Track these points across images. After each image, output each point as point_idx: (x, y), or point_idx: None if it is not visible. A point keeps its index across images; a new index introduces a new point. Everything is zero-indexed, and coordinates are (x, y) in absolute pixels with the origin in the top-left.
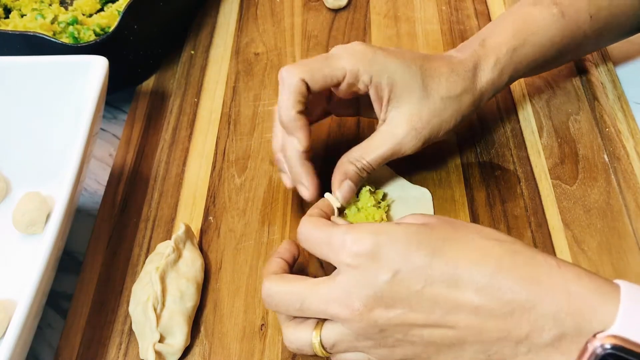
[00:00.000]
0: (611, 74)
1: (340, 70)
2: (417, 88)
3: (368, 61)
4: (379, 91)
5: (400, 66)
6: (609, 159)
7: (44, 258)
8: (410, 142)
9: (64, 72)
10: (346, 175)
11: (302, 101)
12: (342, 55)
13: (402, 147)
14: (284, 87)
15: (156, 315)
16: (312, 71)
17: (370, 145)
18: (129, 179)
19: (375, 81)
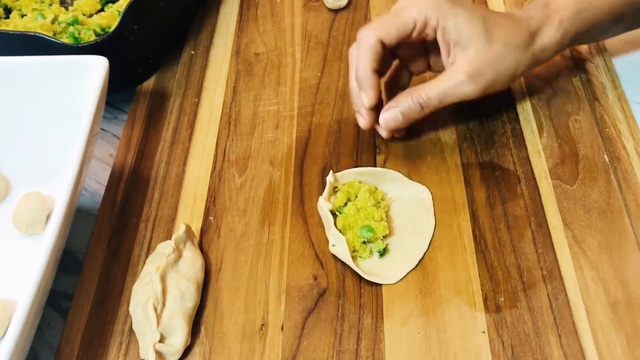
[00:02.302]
0: (611, 74)
1: (411, 20)
2: (482, 33)
3: (434, 7)
4: (445, 35)
5: (465, 13)
6: (609, 159)
7: (44, 258)
8: (471, 84)
9: (64, 72)
10: (398, 104)
11: (377, 60)
12: (409, 6)
13: (464, 88)
14: (362, 47)
15: (156, 315)
16: (386, 30)
17: (435, 82)
18: (129, 179)
19: (442, 24)
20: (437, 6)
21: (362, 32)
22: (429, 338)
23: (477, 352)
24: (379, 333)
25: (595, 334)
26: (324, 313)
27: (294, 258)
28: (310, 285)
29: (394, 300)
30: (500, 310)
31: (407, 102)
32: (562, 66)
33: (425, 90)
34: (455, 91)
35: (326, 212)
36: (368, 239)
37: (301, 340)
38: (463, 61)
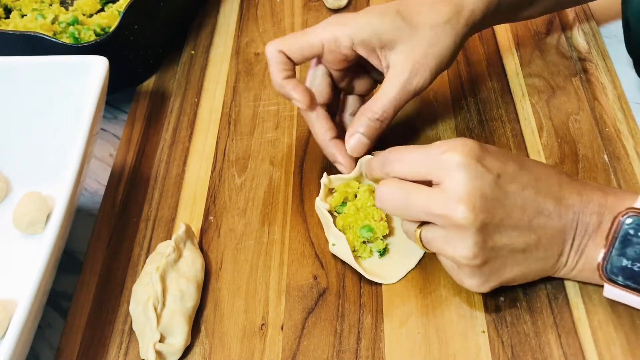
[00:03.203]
0: (611, 74)
1: (317, 40)
2: (403, 28)
3: (342, 26)
4: (366, 46)
5: (377, 18)
6: (609, 159)
7: (44, 258)
8: (417, 77)
9: (64, 72)
10: (357, 128)
11: (285, 69)
12: (317, 27)
13: (412, 84)
14: (268, 61)
15: (156, 315)
16: (289, 44)
17: (381, 93)
18: (129, 179)
19: (357, 40)
20: (343, 24)
21: (266, 47)
22: (429, 338)
23: (477, 352)
24: (378, 333)
25: (595, 334)
26: (324, 313)
27: (294, 258)
28: (310, 285)
29: (394, 300)
30: (500, 310)
31: (365, 122)
32: (562, 66)
33: (377, 104)
34: (405, 92)
35: (324, 212)
36: (368, 239)
37: (301, 340)
38: (398, 61)
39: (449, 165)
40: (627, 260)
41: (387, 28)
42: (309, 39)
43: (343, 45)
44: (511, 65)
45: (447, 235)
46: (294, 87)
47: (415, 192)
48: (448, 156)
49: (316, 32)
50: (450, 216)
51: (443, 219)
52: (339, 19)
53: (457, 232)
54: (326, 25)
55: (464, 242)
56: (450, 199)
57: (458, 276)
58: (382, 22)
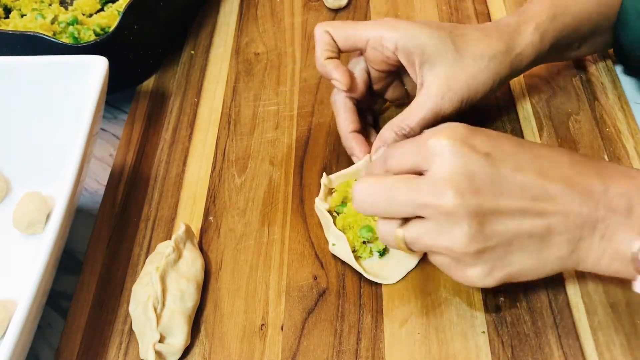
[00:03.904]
0: (611, 73)
1: (364, 33)
2: (449, 50)
3: (391, 28)
4: (408, 55)
5: (427, 31)
6: (609, 159)
7: (44, 258)
8: (448, 103)
9: (64, 72)
10: (385, 142)
11: (330, 50)
12: (368, 22)
13: (442, 108)
14: (316, 41)
15: (156, 315)
16: (336, 26)
17: (410, 109)
18: (129, 179)
19: (401, 46)
20: (395, 26)
21: (316, 27)
22: (429, 338)
23: (477, 352)
24: (378, 333)
25: (595, 334)
26: (323, 313)
27: (294, 258)
28: (310, 285)
29: (394, 300)
30: (500, 310)
31: (392, 137)
32: (562, 66)
33: (405, 120)
34: (434, 114)
35: (324, 212)
36: (368, 239)
37: (301, 340)
38: (434, 81)
39: (434, 150)
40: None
41: (433, 45)
42: (357, 30)
43: (386, 47)
44: None
45: (437, 226)
46: (335, 67)
47: (398, 185)
48: (432, 141)
49: (365, 27)
50: (438, 203)
51: (431, 207)
52: (392, 21)
53: (448, 220)
54: (377, 23)
55: (457, 229)
56: (436, 185)
57: (458, 272)
58: (430, 38)
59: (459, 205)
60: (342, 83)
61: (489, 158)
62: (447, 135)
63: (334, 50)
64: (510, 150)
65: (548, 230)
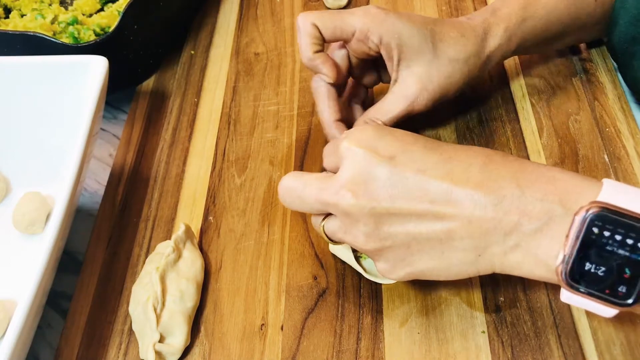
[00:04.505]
0: (611, 74)
1: (351, 25)
2: (427, 50)
3: (379, 22)
4: (389, 51)
5: (410, 29)
6: (609, 159)
7: (44, 258)
8: (421, 102)
9: (64, 72)
10: None
11: (316, 43)
12: (355, 12)
13: (415, 107)
14: (299, 32)
15: (156, 315)
16: (323, 18)
17: (383, 105)
18: (129, 179)
19: (384, 41)
20: (381, 20)
21: (299, 17)
22: (429, 338)
23: (477, 352)
24: (378, 333)
25: (595, 334)
26: (323, 313)
27: (293, 258)
28: (310, 285)
29: (394, 300)
30: (500, 310)
31: None
32: (562, 66)
33: (376, 113)
34: (405, 111)
35: None
36: None
37: (301, 340)
38: (407, 80)
39: (342, 153)
40: (590, 264)
41: (414, 44)
42: (344, 21)
43: (371, 40)
44: (511, 65)
45: (342, 223)
46: (323, 62)
47: (310, 183)
48: (342, 144)
49: (352, 17)
50: (338, 203)
51: (333, 207)
52: (379, 13)
53: (348, 219)
54: (364, 14)
55: (355, 228)
56: (338, 186)
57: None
58: (412, 36)
59: (354, 206)
60: (331, 78)
61: (392, 161)
62: (354, 140)
63: (320, 43)
64: (418, 153)
65: (448, 235)
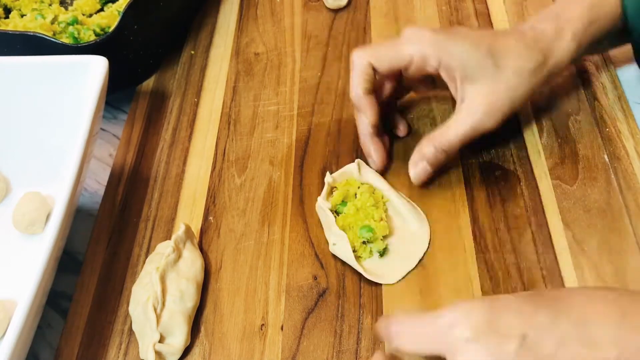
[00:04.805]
0: (611, 74)
1: (407, 56)
2: (489, 65)
3: (435, 46)
4: (450, 72)
5: (468, 48)
6: (609, 159)
7: (44, 258)
8: (490, 119)
9: (64, 72)
10: (423, 157)
11: (368, 80)
12: (410, 40)
13: (483, 124)
14: (353, 69)
15: (156, 315)
16: (379, 56)
17: (451, 125)
18: (129, 179)
19: (444, 63)
20: (436, 43)
21: (354, 54)
22: None
23: None
24: None
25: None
26: (323, 313)
27: (293, 258)
28: (310, 285)
29: (394, 300)
30: None
31: (431, 152)
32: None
33: (446, 136)
34: (475, 130)
35: (326, 211)
36: (368, 239)
37: (301, 340)
38: (475, 98)
39: (459, 343)
40: None
41: (474, 62)
42: (399, 52)
43: (429, 65)
44: None
45: None
46: (369, 104)
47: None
48: (456, 332)
49: (407, 47)
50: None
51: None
52: (432, 35)
53: None
54: (418, 41)
55: None
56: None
57: None
58: (471, 55)
59: None
60: (371, 122)
61: (526, 341)
62: (469, 325)
63: (371, 80)
64: (547, 323)
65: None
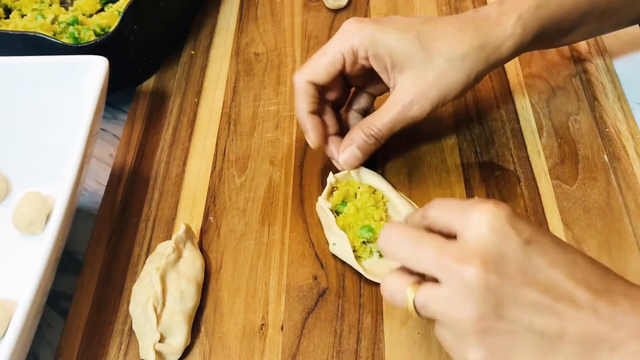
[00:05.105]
0: (611, 74)
1: (338, 55)
2: (417, 51)
3: (362, 37)
4: (379, 61)
5: (396, 35)
6: (608, 159)
7: (44, 258)
8: (417, 105)
9: (64, 72)
10: (352, 141)
11: (311, 102)
12: (335, 39)
13: (411, 111)
14: (296, 92)
15: (156, 315)
16: (315, 69)
17: (380, 112)
18: (129, 179)
19: (371, 52)
20: (363, 33)
21: (294, 76)
22: (429, 338)
23: None
24: (378, 333)
25: None
26: (323, 313)
27: (294, 258)
28: (310, 285)
29: None
30: None
31: (360, 137)
32: (562, 66)
33: (374, 122)
34: (403, 118)
35: (327, 211)
36: (368, 239)
37: (301, 340)
38: (404, 85)
39: (475, 217)
40: None
41: (402, 49)
42: (330, 55)
43: (360, 56)
44: (511, 65)
45: (451, 294)
46: (313, 127)
47: (428, 239)
48: (478, 208)
49: (335, 46)
50: (461, 271)
51: (452, 273)
52: (355, 26)
53: (464, 291)
54: (342, 36)
55: (470, 302)
56: (466, 252)
57: (458, 351)
58: (398, 42)
59: (480, 280)
60: (314, 143)
61: (528, 246)
62: (494, 211)
63: (316, 101)
64: (550, 245)
65: (560, 334)
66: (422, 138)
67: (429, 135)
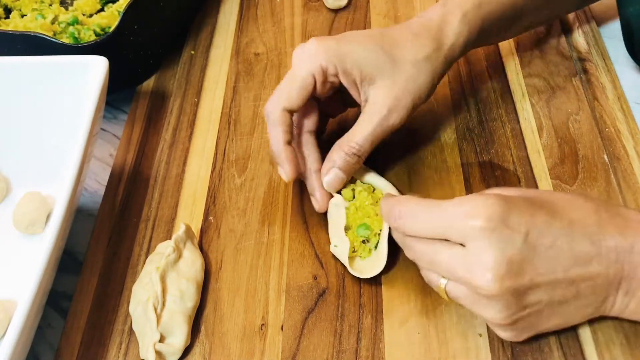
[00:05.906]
0: (611, 74)
1: (309, 77)
2: (384, 61)
3: (326, 54)
4: (348, 76)
5: (358, 48)
6: (608, 159)
7: (44, 258)
8: (395, 113)
9: (64, 72)
10: (334, 164)
11: (286, 131)
12: (301, 62)
13: (389, 120)
14: (269, 122)
15: (156, 315)
16: (288, 95)
17: (357, 127)
18: (129, 179)
19: (341, 69)
20: (329, 51)
21: (267, 106)
22: (429, 338)
23: (477, 352)
24: (378, 333)
25: (595, 334)
26: (323, 313)
27: (293, 258)
28: (310, 285)
29: (394, 300)
30: None
31: (342, 157)
32: (562, 66)
33: (354, 138)
34: (382, 128)
35: (342, 210)
36: (366, 237)
37: (301, 340)
38: (377, 95)
39: (472, 231)
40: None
41: (369, 62)
42: (300, 79)
43: (330, 74)
44: (511, 65)
45: (474, 297)
46: (290, 159)
47: (441, 251)
48: (470, 221)
49: (303, 68)
50: (476, 284)
51: (468, 284)
52: (318, 46)
53: (484, 297)
54: (308, 57)
55: (493, 306)
56: (475, 266)
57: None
58: (364, 55)
59: (497, 289)
60: (288, 176)
61: (528, 237)
62: (484, 216)
63: (290, 130)
64: (545, 223)
65: (576, 295)
66: (422, 138)
67: (429, 135)
